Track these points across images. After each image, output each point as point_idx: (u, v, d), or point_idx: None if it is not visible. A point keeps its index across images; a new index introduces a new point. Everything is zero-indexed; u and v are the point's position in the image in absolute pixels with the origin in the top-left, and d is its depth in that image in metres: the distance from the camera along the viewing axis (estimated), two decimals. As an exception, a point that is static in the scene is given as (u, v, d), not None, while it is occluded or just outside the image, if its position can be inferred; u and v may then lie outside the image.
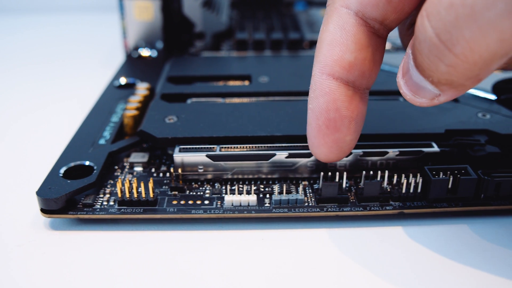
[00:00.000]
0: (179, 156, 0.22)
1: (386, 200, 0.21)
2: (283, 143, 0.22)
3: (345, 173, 0.21)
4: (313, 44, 0.37)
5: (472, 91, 0.27)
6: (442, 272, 0.18)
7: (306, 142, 0.22)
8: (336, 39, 0.17)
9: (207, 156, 0.22)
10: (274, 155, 0.22)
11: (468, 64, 0.14)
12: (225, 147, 0.22)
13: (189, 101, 0.27)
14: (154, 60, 0.34)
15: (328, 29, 0.18)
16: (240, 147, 0.22)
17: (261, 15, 0.43)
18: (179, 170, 0.22)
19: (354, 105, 0.18)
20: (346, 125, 0.18)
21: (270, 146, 0.22)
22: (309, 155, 0.22)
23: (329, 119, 0.18)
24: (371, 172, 0.21)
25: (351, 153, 0.22)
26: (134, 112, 0.25)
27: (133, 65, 0.33)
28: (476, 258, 0.19)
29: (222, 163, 0.22)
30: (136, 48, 0.35)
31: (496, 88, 0.28)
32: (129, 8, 0.33)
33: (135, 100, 0.26)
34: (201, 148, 0.22)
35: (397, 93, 0.27)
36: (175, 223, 0.21)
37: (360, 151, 0.22)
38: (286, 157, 0.22)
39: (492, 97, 0.27)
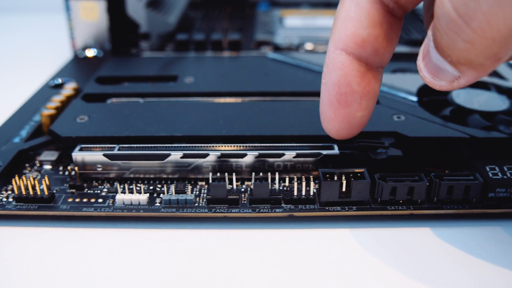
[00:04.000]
0: (77, 155, 0.22)
1: (278, 202, 0.21)
2: (184, 143, 0.22)
3: (234, 174, 0.21)
4: (261, 44, 0.37)
5: (396, 92, 0.27)
6: (329, 276, 0.18)
7: (205, 142, 0.23)
8: (351, 15, 0.18)
9: (104, 155, 0.22)
10: (169, 155, 0.22)
11: (486, 40, 0.14)
12: (123, 147, 0.22)
13: (109, 101, 0.27)
14: (100, 60, 0.35)
15: (344, 5, 0.18)
16: (138, 146, 0.22)
17: (222, 15, 0.43)
18: (76, 169, 0.22)
19: (366, 82, 0.18)
20: (357, 100, 0.18)
21: (168, 146, 0.22)
22: (205, 155, 0.22)
23: (340, 94, 0.18)
24: (261, 174, 0.21)
25: (246, 154, 0.22)
26: (51, 112, 0.25)
27: (77, 65, 0.34)
28: (367, 263, 0.19)
29: (119, 162, 0.22)
30: (85, 49, 0.36)
31: (421, 90, 0.27)
32: (75, 9, 0.34)
33: (56, 100, 0.26)
34: (101, 147, 0.22)
35: (318, 94, 0.27)
36: (71, 221, 0.21)
37: (256, 152, 0.22)
38: (181, 157, 0.22)
39: (414, 99, 0.26)
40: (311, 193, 0.21)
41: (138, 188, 0.21)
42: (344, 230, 0.21)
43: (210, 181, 0.21)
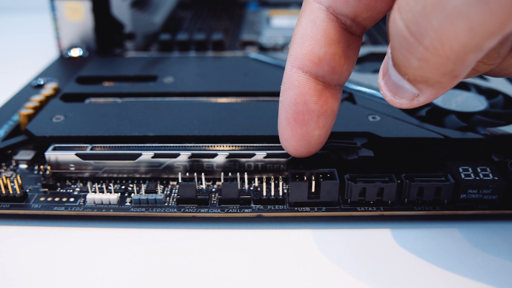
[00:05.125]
0: (50, 154, 0.22)
1: (247, 203, 0.21)
2: (156, 143, 0.23)
3: (203, 174, 0.21)
4: (246, 44, 0.37)
5: (373, 92, 0.27)
6: (297, 276, 0.18)
7: (177, 142, 0.23)
8: (307, 33, 0.18)
9: (76, 154, 0.22)
10: (140, 155, 0.22)
11: (439, 57, 0.14)
12: (96, 146, 0.22)
13: (87, 101, 0.27)
14: (85, 60, 0.35)
15: (300, 23, 0.18)
16: (111, 146, 0.22)
17: (211, 15, 0.43)
18: (49, 168, 0.22)
19: (323, 100, 0.18)
20: (314, 119, 0.18)
21: (141, 146, 0.22)
22: (176, 155, 0.22)
23: (297, 112, 0.18)
24: (230, 174, 0.21)
25: (217, 154, 0.22)
26: (29, 111, 0.25)
27: (62, 65, 0.34)
28: (335, 264, 0.19)
29: (92, 161, 0.22)
30: (71, 49, 0.36)
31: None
32: (61, 9, 0.34)
33: (35, 100, 0.27)
34: (74, 147, 0.22)
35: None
36: (43, 220, 0.21)
37: (226, 152, 0.22)
38: (153, 157, 0.22)
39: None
40: (281, 194, 0.21)
41: (110, 188, 0.22)
42: (313, 230, 0.21)
43: (180, 180, 0.21)
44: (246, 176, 0.21)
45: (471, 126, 0.24)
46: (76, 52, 0.35)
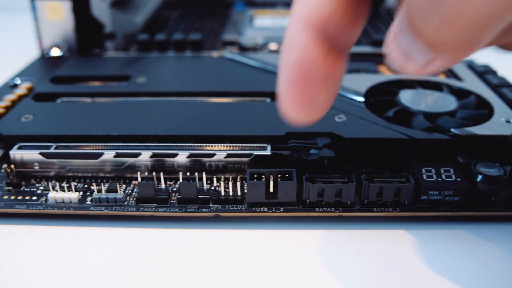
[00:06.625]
0: (15, 153, 0.22)
1: (206, 202, 0.21)
2: (119, 143, 0.23)
3: (161, 174, 0.21)
4: (227, 44, 0.37)
5: (343, 92, 0.27)
6: (253, 277, 0.18)
7: (141, 142, 0.23)
8: None
9: (40, 153, 0.22)
10: (102, 154, 0.22)
11: (463, 18, 0.13)
12: (60, 145, 0.23)
13: (59, 100, 0.28)
14: (66, 60, 0.35)
15: None
16: (75, 145, 0.22)
17: (196, 15, 0.44)
18: (13, 166, 0.22)
19: (329, 63, 0.17)
20: (318, 83, 0.17)
21: (106, 145, 0.22)
22: (137, 154, 0.22)
23: (301, 74, 0.17)
24: (188, 173, 0.21)
25: (177, 154, 0.22)
26: (0, 110, 0.26)
27: (41, 65, 0.34)
28: (294, 264, 0.19)
29: (55, 160, 0.22)
30: (52, 48, 0.36)
31: (370, 91, 0.27)
32: (41, 9, 0.34)
33: (8, 99, 0.27)
34: (39, 146, 0.23)
35: (266, 94, 0.28)
36: (6, 218, 0.21)
37: (187, 152, 0.22)
38: (114, 156, 0.22)
39: (361, 99, 0.26)
40: (239, 194, 0.21)
41: (73, 186, 0.22)
42: (271, 231, 0.21)
43: (139, 180, 0.21)
44: (204, 176, 0.21)
45: (438, 126, 0.24)
46: (56, 52, 0.35)
